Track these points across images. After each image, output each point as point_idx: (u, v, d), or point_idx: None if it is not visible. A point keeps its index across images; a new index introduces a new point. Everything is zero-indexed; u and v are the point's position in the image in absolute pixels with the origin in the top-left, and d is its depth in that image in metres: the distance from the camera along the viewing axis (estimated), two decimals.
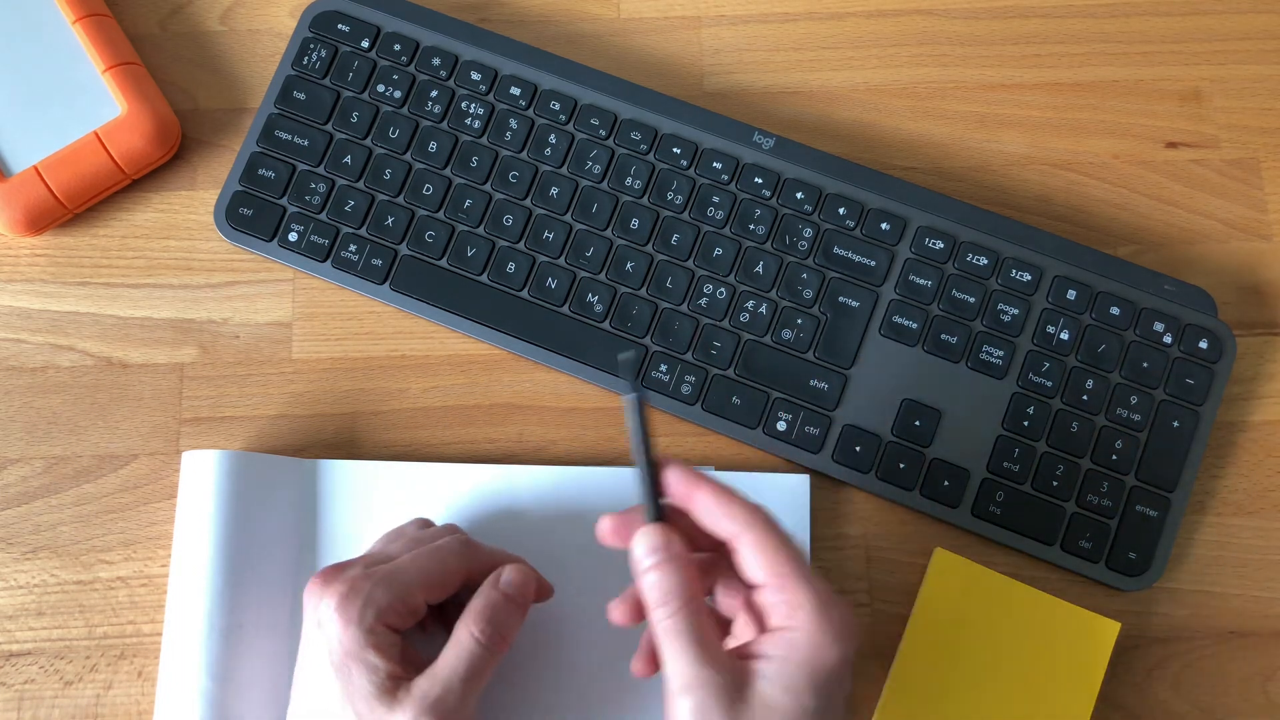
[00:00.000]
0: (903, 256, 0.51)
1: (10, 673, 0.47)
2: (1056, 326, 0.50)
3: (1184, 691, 0.48)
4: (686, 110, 0.52)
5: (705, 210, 0.51)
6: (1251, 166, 0.54)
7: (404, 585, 0.40)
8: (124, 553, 0.49)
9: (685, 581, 0.37)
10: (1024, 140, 0.54)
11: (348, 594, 0.39)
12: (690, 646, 0.36)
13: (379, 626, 0.39)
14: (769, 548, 0.37)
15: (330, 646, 0.39)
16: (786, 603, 0.36)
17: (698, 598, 0.37)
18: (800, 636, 0.36)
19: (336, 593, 0.39)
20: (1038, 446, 0.49)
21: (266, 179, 0.51)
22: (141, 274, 0.52)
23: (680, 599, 0.36)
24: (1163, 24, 0.56)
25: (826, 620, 0.35)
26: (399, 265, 0.51)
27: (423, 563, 0.41)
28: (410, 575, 0.40)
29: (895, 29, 0.56)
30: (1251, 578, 0.49)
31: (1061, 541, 0.48)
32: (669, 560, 0.37)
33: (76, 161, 0.50)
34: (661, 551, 0.37)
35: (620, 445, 0.50)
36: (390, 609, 0.40)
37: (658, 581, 0.37)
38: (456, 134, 0.52)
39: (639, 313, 0.50)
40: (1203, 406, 0.49)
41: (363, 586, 0.39)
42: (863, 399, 0.49)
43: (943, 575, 0.47)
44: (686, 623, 0.36)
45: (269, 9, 0.55)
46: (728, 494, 0.38)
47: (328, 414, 0.51)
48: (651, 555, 0.37)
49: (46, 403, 0.50)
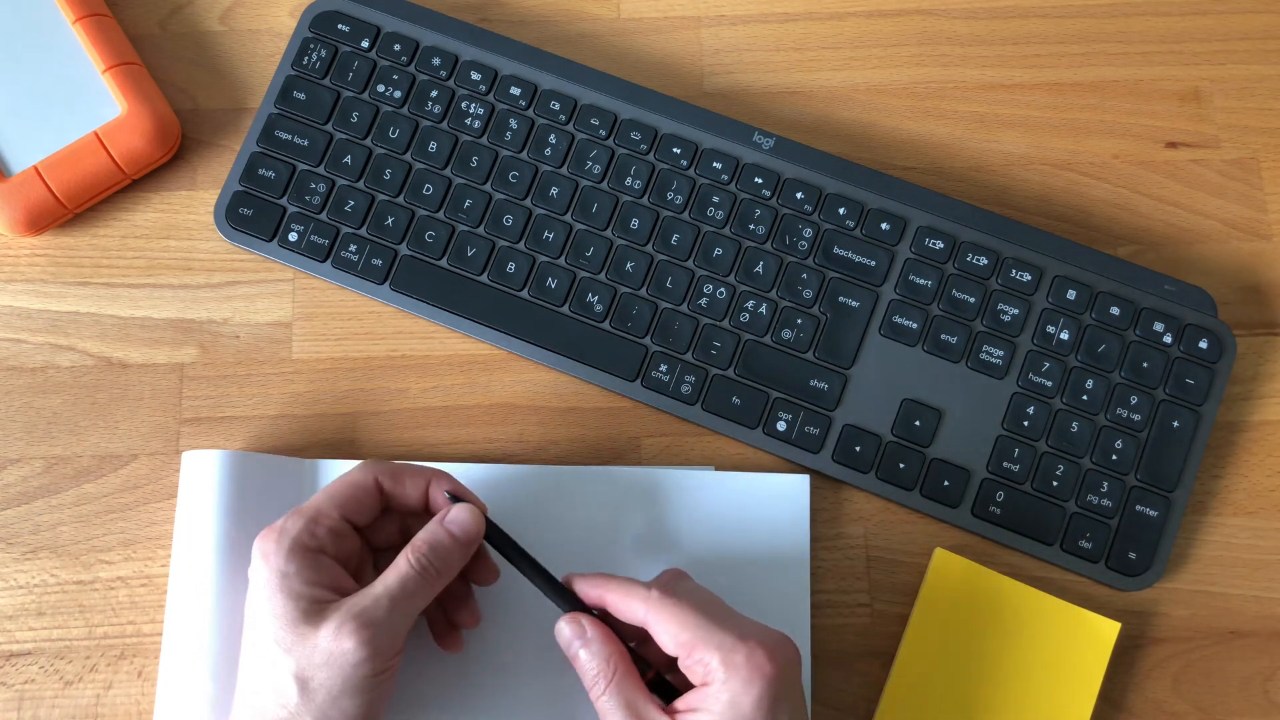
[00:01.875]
0: (903, 256, 0.51)
1: (10, 673, 0.47)
2: (1056, 326, 0.50)
3: (1184, 691, 0.48)
4: (686, 110, 0.52)
5: (705, 210, 0.51)
6: (1251, 166, 0.54)
7: (313, 508, 0.41)
8: (124, 553, 0.49)
9: (605, 660, 0.40)
10: (1024, 140, 0.54)
11: (266, 534, 0.41)
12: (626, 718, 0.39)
13: (297, 552, 0.40)
14: (667, 621, 0.40)
15: (256, 588, 0.40)
16: (698, 663, 0.39)
17: (623, 670, 0.40)
18: (714, 689, 0.39)
19: (259, 540, 0.41)
20: (1038, 446, 0.49)
21: (266, 179, 0.51)
22: (141, 274, 0.52)
23: (605, 678, 0.40)
24: (1163, 24, 0.56)
25: (733, 668, 0.38)
26: (399, 265, 0.51)
27: (331, 486, 0.42)
28: (319, 498, 0.42)
29: (895, 29, 0.56)
30: (1251, 578, 0.49)
31: (1061, 541, 0.48)
32: (586, 644, 0.41)
33: (76, 161, 0.50)
34: (579, 638, 0.41)
35: (620, 445, 0.50)
36: (305, 532, 0.41)
37: (585, 665, 0.41)
38: (456, 134, 0.52)
39: (639, 313, 0.50)
40: (1203, 406, 0.49)
41: (280, 525, 0.41)
42: (863, 399, 0.49)
43: (943, 575, 0.47)
44: (616, 699, 0.40)
45: (269, 9, 0.55)
46: (628, 585, 0.41)
47: (328, 414, 0.51)
48: (573, 643, 0.41)
49: (46, 403, 0.50)
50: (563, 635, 0.42)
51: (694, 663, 0.39)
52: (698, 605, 0.40)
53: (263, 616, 0.40)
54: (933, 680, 0.46)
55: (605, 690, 0.40)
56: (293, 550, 0.40)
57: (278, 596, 0.39)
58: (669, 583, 0.42)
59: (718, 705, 0.38)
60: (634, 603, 0.41)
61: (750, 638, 0.39)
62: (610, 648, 0.41)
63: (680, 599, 0.40)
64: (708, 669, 0.39)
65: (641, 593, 0.41)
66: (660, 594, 0.40)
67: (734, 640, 0.39)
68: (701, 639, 0.39)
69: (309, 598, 0.39)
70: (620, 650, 0.41)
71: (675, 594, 0.41)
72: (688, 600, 0.40)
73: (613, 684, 0.40)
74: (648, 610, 0.40)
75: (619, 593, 0.41)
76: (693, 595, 0.41)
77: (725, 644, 0.39)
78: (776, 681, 0.38)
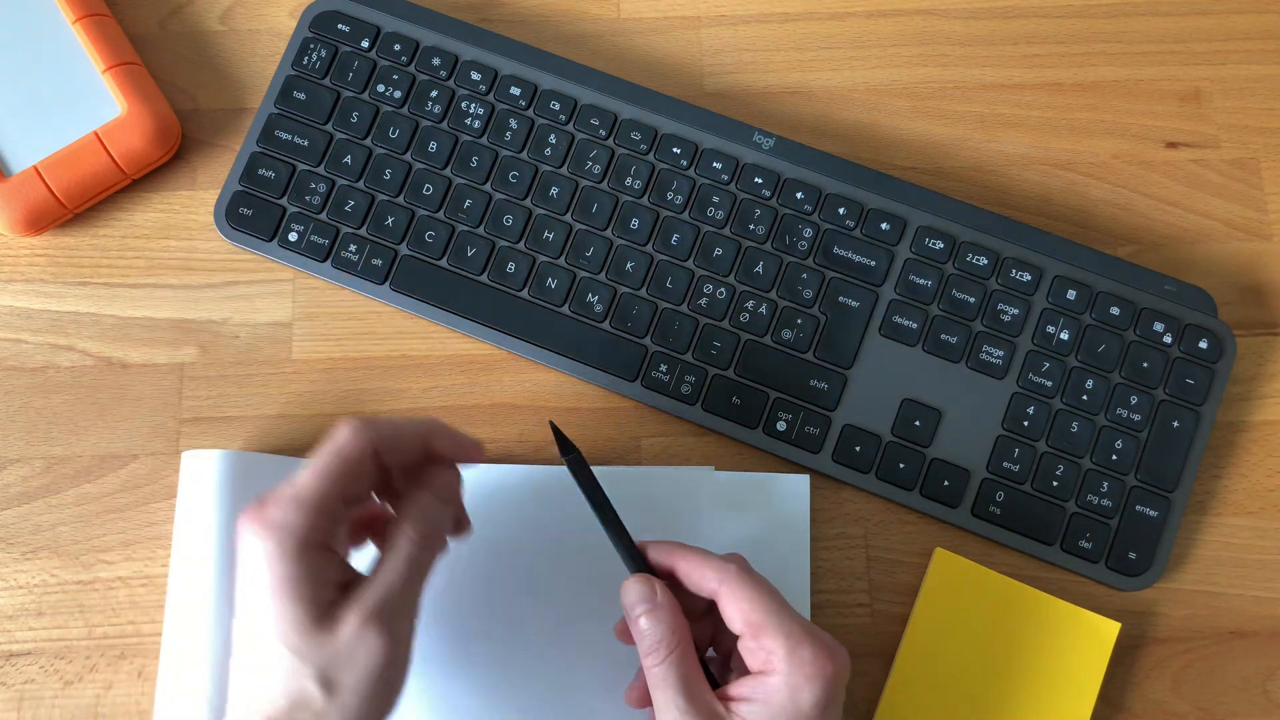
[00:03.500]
0: (903, 256, 0.51)
1: (10, 673, 0.47)
2: (1056, 326, 0.50)
3: (1184, 691, 0.48)
4: (686, 110, 0.52)
5: (705, 210, 0.51)
6: (1251, 166, 0.54)
7: (316, 496, 0.37)
8: (124, 553, 0.49)
9: (671, 629, 0.39)
10: (1024, 140, 0.54)
11: (259, 528, 0.37)
12: (676, 697, 0.38)
13: (304, 554, 0.37)
14: (741, 598, 0.39)
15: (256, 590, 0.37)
16: (762, 648, 0.38)
17: (685, 644, 0.39)
18: (775, 680, 0.38)
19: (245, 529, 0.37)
20: (1038, 446, 0.49)
21: (266, 179, 0.51)
22: (141, 274, 0.52)
23: (667, 647, 0.39)
24: (1163, 24, 0.56)
25: (798, 662, 0.38)
26: (399, 265, 0.51)
27: (322, 466, 0.38)
28: (317, 482, 0.38)
29: (895, 29, 0.56)
30: (1251, 578, 0.49)
31: (1061, 541, 0.48)
32: (654, 609, 0.40)
33: (76, 161, 0.50)
34: (648, 601, 0.40)
35: (620, 445, 0.50)
36: (309, 528, 0.37)
37: (647, 631, 0.39)
38: (456, 134, 0.52)
39: (639, 313, 0.50)
40: (1203, 406, 0.49)
41: (275, 515, 0.37)
42: (862, 399, 0.49)
43: (943, 575, 0.47)
44: (673, 672, 0.38)
45: (269, 9, 0.55)
46: (702, 554, 0.40)
47: (328, 414, 0.51)
48: (639, 605, 0.40)
49: (46, 403, 0.50)
50: (628, 595, 0.40)
51: (758, 646, 0.39)
52: (771, 591, 0.39)
53: (267, 621, 0.37)
54: (933, 680, 0.46)
55: (664, 660, 0.39)
56: (300, 552, 0.37)
57: (286, 603, 0.36)
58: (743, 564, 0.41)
59: (777, 698, 0.37)
60: (708, 573, 0.40)
61: (817, 635, 0.38)
62: (678, 619, 0.40)
63: (757, 579, 0.40)
64: (770, 657, 0.38)
65: (718, 564, 0.40)
66: (740, 568, 0.40)
67: (802, 633, 0.38)
68: (773, 625, 0.38)
69: (321, 600, 0.37)
70: (685, 624, 0.40)
71: (752, 573, 0.40)
72: (764, 583, 0.40)
73: (674, 655, 0.39)
74: (722, 582, 0.39)
75: (693, 561, 0.40)
76: (765, 581, 0.40)
77: (794, 635, 0.38)
78: (834, 684, 0.38)
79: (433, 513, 0.40)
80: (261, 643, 0.37)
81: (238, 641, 0.38)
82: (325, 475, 0.38)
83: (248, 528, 0.37)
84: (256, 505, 0.38)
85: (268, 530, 0.37)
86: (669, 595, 0.40)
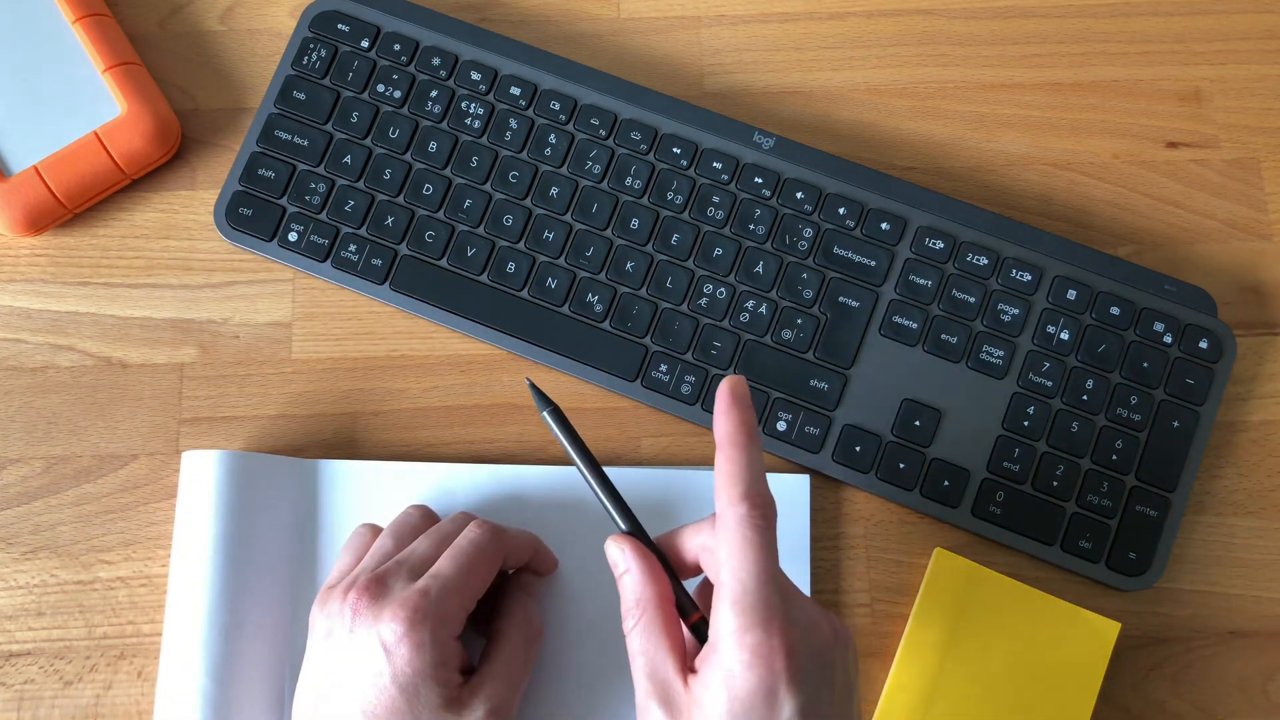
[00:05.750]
0: (903, 256, 0.51)
1: (10, 673, 0.47)
2: (1056, 326, 0.50)
3: (1184, 691, 0.48)
4: (686, 110, 0.52)
5: (705, 210, 0.51)
6: (1251, 166, 0.54)
7: (465, 594, 0.41)
8: (124, 553, 0.49)
9: (637, 599, 0.38)
10: (1024, 140, 0.54)
11: (413, 616, 0.39)
12: (638, 673, 0.38)
13: (448, 644, 0.40)
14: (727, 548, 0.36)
15: (397, 668, 0.39)
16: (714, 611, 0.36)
17: (652, 612, 0.38)
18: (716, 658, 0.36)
19: (400, 615, 0.39)
20: (1038, 446, 0.49)
21: (266, 179, 0.51)
22: (141, 274, 0.52)
23: (633, 616, 0.38)
24: (1163, 24, 0.56)
25: (738, 647, 0.35)
26: (399, 265, 0.51)
27: (470, 564, 0.41)
28: (464, 581, 0.41)
29: (895, 29, 0.56)
30: (1251, 578, 0.49)
31: (1061, 541, 0.48)
32: (624, 574, 0.39)
33: (76, 161, 0.50)
34: (617, 565, 0.40)
35: (620, 446, 0.50)
36: (458, 623, 0.41)
37: (624, 591, 0.39)
38: (456, 134, 0.52)
39: (639, 313, 0.50)
40: (1203, 406, 0.49)
41: (427, 606, 0.39)
42: (863, 399, 0.49)
43: (943, 575, 0.47)
44: (636, 642, 0.38)
45: (269, 9, 0.55)
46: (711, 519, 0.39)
47: (328, 414, 0.51)
48: (615, 569, 0.40)
49: (46, 403, 0.50)
50: (609, 556, 0.40)
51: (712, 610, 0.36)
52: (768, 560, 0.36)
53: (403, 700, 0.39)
54: (933, 680, 0.46)
55: (631, 629, 0.38)
56: (450, 639, 0.40)
57: (431, 687, 0.39)
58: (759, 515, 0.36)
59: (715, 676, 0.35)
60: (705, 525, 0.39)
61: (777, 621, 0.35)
62: (648, 587, 0.38)
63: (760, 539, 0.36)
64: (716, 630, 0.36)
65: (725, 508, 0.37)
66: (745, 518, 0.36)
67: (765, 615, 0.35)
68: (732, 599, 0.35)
69: (453, 684, 0.40)
70: (662, 591, 0.38)
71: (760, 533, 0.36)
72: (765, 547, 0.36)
73: (640, 623, 0.38)
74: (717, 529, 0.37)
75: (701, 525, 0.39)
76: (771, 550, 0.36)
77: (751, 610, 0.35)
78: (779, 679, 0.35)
79: (535, 616, 0.44)
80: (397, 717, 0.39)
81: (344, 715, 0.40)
82: (469, 570, 0.41)
83: (396, 614, 0.39)
84: (376, 586, 0.40)
85: (422, 618, 0.39)
86: (642, 559, 0.39)
